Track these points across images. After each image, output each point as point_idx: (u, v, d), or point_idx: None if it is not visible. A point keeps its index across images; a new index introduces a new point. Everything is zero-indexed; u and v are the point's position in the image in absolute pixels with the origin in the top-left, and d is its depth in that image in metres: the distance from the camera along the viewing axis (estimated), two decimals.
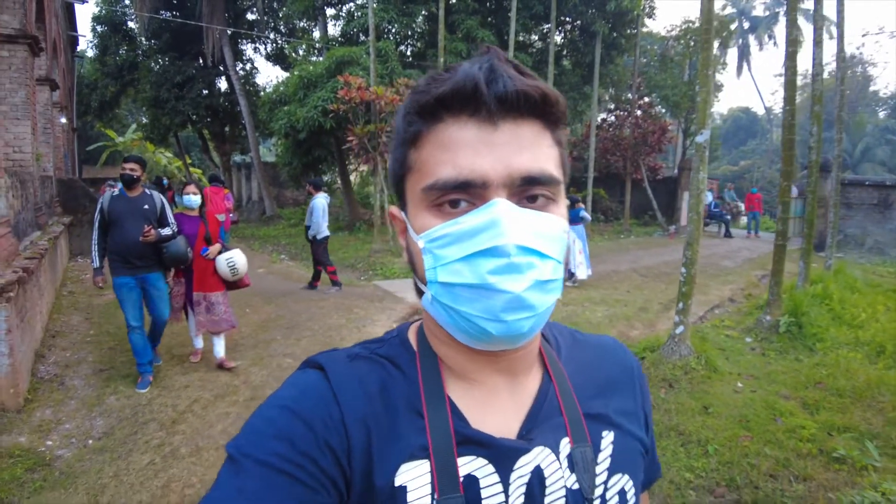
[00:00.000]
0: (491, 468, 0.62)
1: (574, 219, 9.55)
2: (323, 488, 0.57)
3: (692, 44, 20.00)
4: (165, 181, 13.51)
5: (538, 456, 0.65)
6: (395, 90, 12.16)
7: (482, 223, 0.56)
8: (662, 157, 26.60)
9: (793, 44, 6.49)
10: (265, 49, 24.73)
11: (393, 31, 16.94)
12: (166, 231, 4.98)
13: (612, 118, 22.26)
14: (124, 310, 4.86)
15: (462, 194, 0.58)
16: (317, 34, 21.41)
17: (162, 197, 5.09)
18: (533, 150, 0.59)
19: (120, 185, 5.01)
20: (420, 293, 0.65)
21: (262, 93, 23.61)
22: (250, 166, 24.58)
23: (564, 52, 20.48)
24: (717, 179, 27.99)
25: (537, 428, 0.67)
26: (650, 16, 19.83)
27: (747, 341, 6.30)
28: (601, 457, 0.69)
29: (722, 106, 72.08)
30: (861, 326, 6.81)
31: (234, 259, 5.32)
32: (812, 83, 8.16)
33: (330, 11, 19.17)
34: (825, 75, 36.05)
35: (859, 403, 4.54)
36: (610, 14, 17.55)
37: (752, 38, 45.57)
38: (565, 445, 0.67)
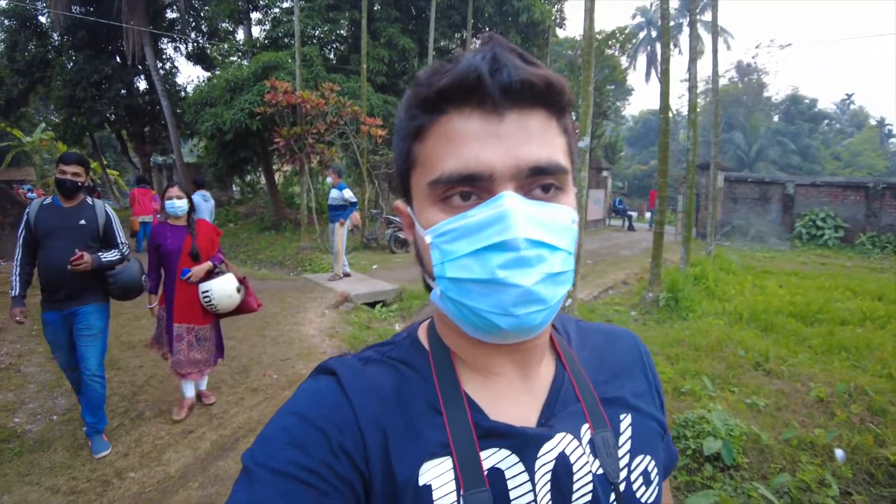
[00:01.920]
0: (515, 458, 0.62)
1: None
2: (338, 493, 0.57)
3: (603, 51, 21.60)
4: (91, 183, 13.44)
5: (561, 442, 0.65)
6: (319, 94, 12.74)
7: (490, 217, 0.56)
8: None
9: (666, 62, 7.68)
10: (186, 48, 24.50)
11: (318, 35, 17.45)
12: (110, 255, 3.79)
13: None
14: (55, 356, 3.90)
15: (469, 187, 0.58)
16: (241, 35, 21.54)
17: (108, 209, 3.93)
18: (540, 139, 0.58)
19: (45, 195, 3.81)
20: (429, 288, 0.66)
21: (182, 92, 23.45)
22: (172, 167, 24.29)
23: None
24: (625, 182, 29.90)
25: (556, 416, 0.67)
26: (560, 26, 21.29)
27: (632, 314, 7.42)
28: (622, 440, 0.70)
29: (634, 108, 76.08)
30: (728, 300, 8.12)
31: (210, 293, 4.19)
32: (689, 94, 9.45)
33: (255, 15, 19.45)
34: (725, 81, 38.94)
35: (710, 355, 5.67)
36: (522, 25, 18.80)
37: (659, 46, 48.81)
38: (586, 431, 0.67)
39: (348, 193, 9.82)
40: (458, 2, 18.15)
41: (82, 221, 3.73)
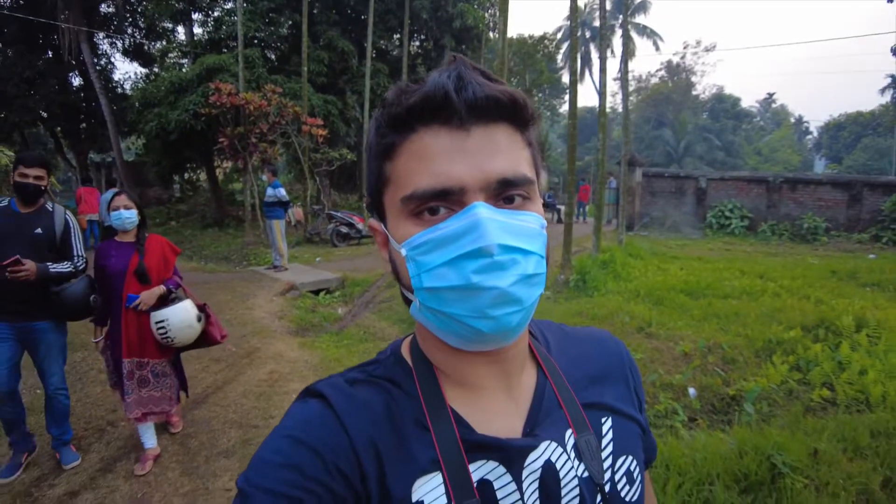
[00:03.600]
0: (502, 469, 0.64)
1: None
2: None
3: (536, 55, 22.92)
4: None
5: (546, 450, 0.67)
6: (262, 95, 13.37)
7: (463, 227, 0.58)
8: None
9: (572, 75, 8.79)
10: (123, 44, 24.32)
11: (260, 36, 17.96)
12: (60, 267, 3.39)
13: None
14: None
15: (441, 202, 0.60)
16: (181, 33, 21.71)
17: (69, 216, 3.58)
18: (506, 152, 0.61)
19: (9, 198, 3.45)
20: (408, 302, 0.66)
21: (119, 89, 23.32)
22: (110, 165, 24.14)
23: (419, 61, 22.57)
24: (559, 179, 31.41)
25: (540, 424, 0.69)
26: (493, 30, 22.43)
27: (546, 295, 8.53)
28: (604, 442, 0.73)
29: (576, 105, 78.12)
30: (631, 281, 9.35)
31: (166, 323, 3.52)
32: (599, 101, 10.65)
33: (197, 15, 19.72)
34: (656, 80, 41.01)
35: (602, 323, 6.82)
36: (456, 30, 19.87)
37: (592, 47, 50.75)
38: (570, 437, 0.69)
39: (282, 192, 10.55)
40: (396, 6, 19.05)
41: (38, 230, 3.37)
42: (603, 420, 0.74)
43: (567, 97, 34.60)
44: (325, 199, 16.72)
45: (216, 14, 18.68)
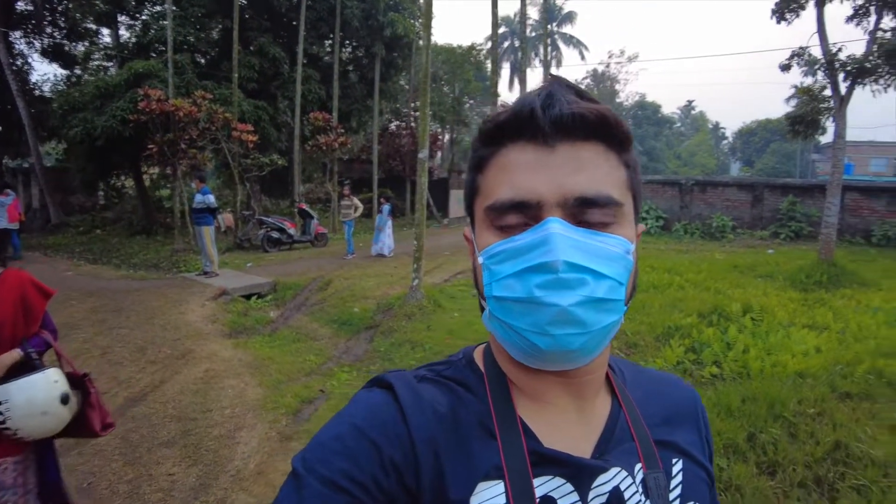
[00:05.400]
0: (570, 487, 0.63)
1: (385, 212, 13.28)
2: None
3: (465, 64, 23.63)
4: None
5: (616, 476, 0.65)
6: (191, 101, 13.32)
7: (534, 240, 0.58)
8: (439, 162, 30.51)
9: (493, 86, 9.40)
10: (41, 44, 23.32)
11: (190, 41, 17.77)
12: None
13: (393, 127, 25.21)
14: None
15: (519, 214, 0.61)
16: (106, 34, 21.11)
17: None
18: (591, 171, 0.61)
19: None
20: (482, 310, 0.66)
21: (37, 91, 22.39)
22: (28, 172, 23.13)
23: (351, 68, 22.86)
24: None
25: (610, 452, 0.67)
26: (423, 39, 23.02)
27: (472, 292, 9.08)
28: (672, 483, 0.71)
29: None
30: None
31: (6, 405, 2.32)
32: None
33: (123, 18, 19.26)
34: (583, 88, 43.24)
35: None
36: (387, 38, 20.31)
37: (521, 55, 52.02)
38: (639, 470, 0.68)
39: (211, 198, 10.69)
40: (327, 14, 19.27)
41: None
42: (674, 461, 0.72)
43: (496, 105, 35.60)
44: (256, 205, 16.76)
45: (144, 17, 18.32)
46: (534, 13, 45.10)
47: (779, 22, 9.79)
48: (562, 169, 0.60)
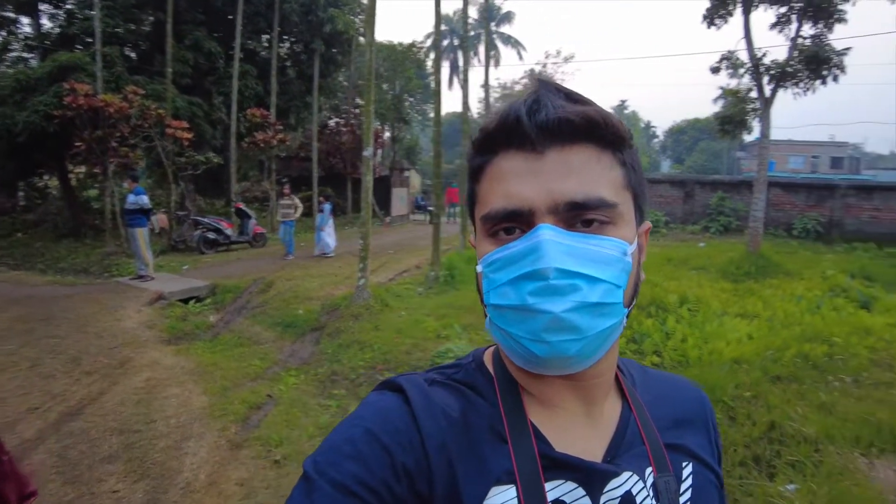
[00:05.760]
0: (581, 491, 0.63)
1: (327, 211, 13.22)
2: None
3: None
4: None
5: (628, 481, 0.65)
6: (122, 97, 12.74)
7: (526, 248, 0.59)
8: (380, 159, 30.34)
9: (437, 84, 9.44)
10: None
11: (119, 33, 16.93)
12: None
13: (333, 124, 24.87)
14: None
15: (512, 222, 0.61)
16: (26, 23, 19.84)
17: None
18: (582, 174, 0.60)
19: None
20: (486, 316, 0.66)
21: None
22: None
23: (289, 64, 22.40)
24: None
25: (621, 456, 0.68)
26: (363, 35, 22.77)
27: (418, 290, 9.12)
28: (682, 486, 0.71)
29: (441, 110, 79.79)
30: None
31: None
32: (463, 107, 11.41)
33: (45, 6, 18.14)
34: (520, 87, 43.17)
35: (468, 312, 7.49)
36: (327, 34, 20.00)
37: (460, 54, 52.11)
38: (649, 474, 0.68)
39: (144, 199, 10.26)
40: (265, 8, 18.82)
41: None
42: (684, 465, 0.72)
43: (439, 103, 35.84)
44: (191, 205, 16.17)
45: (68, 6, 17.32)
46: (473, 12, 45.40)
47: (709, 27, 10.28)
48: (551, 174, 0.60)
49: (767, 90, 9.94)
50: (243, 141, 17.53)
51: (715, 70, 10.51)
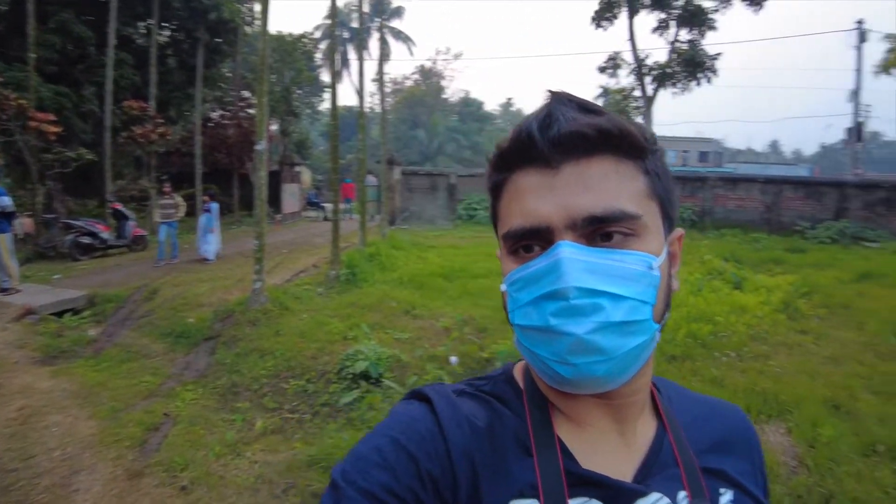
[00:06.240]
0: None
1: (214, 211, 12.52)
2: None
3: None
4: None
5: (658, 503, 0.63)
6: None
7: (545, 267, 0.58)
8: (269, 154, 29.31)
9: (333, 77, 9.20)
10: None
11: None
12: None
13: (218, 117, 23.60)
14: None
15: (531, 241, 0.61)
16: None
17: None
18: (599, 187, 0.59)
19: None
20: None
21: None
22: None
23: (170, 52, 20.96)
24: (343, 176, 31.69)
25: (652, 477, 0.65)
26: (250, 24, 21.80)
27: (319, 291, 8.88)
28: None
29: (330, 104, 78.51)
30: (396, 270, 10.19)
31: None
32: (359, 101, 11.21)
33: None
34: (411, 83, 43.28)
35: (372, 310, 7.41)
36: (212, 22, 18.91)
37: (350, 48, 51.22)
38: (683, 499, 0.65)
39: (6, 200, 9.21)
40: None
41: None
42: (721, 491, 0.68)
43: (326, 95, 35.02)
44: (60, 206, 14.71)
45: None
46: (364, 6, 44.74)
47: (597, 28, 10.85)
48: (567, 190, 0.59)
49: (650, 89, 10.68)
50: (119, 135, 16.18)
51: (603, 69, 11.17)
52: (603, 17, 10.80)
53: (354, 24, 51.30)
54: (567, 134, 0.59)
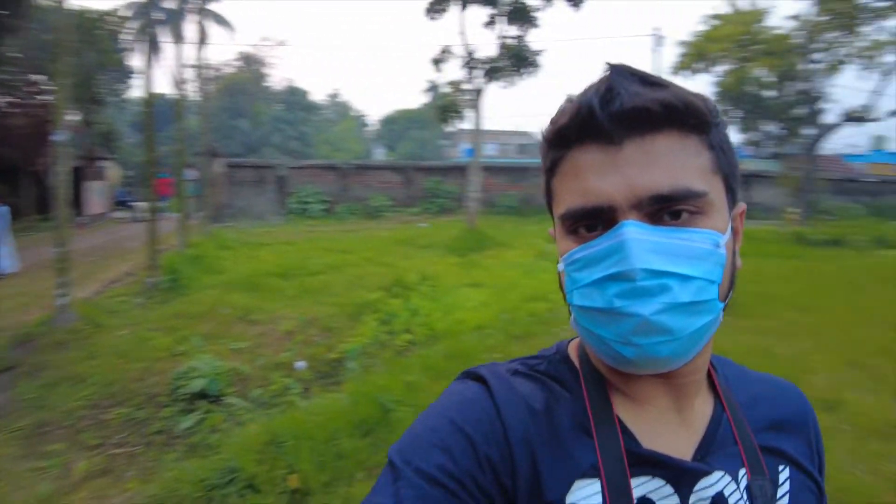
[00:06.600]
0: (669, 489, 0.60)
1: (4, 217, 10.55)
2: None
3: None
4: None
5: (720, 481, 0.62)
6: None
7: (609, 247, 0.56)
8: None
9: (148, 60, 8.17)
10: None
11: None
12: None
13: (4, 104, 20.23)
14: None
15: (593, 220, 0.58)
16: None
17: None
18: (665, 164, 0.57)
19: None
20: (570, 314, 0.64)
21: None
22: None
23: None
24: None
25: (712, 455, 0.64)
26: None
27: (137, 302, 7.91)
28: (780, 492, 0.67)
29: (139, 92, 71.51)
30: (224, 272, 9.42)
31: None
32: (177, 89, 10.17)
33: None
34: (232, 70, 40.73)
35: (203, 319, 6.73)
36: None
37: (160, 29, 46.73)
38: (742, 476, 0.64)
39: None
40: None
41: None
42: (780, 468, 0.68)
43: (134, 82, 31.56)
44: None
45: None
46: None
47: (431, 19, 11.06)
48: (631, 167, 0.56)
49: (480, 83, 11.12)
50: None
51: (437, 61, 11.39)
52: (435, 7, 11.03)
53: (168, 4, 47.09)
54: (630, 109, 0.55)
